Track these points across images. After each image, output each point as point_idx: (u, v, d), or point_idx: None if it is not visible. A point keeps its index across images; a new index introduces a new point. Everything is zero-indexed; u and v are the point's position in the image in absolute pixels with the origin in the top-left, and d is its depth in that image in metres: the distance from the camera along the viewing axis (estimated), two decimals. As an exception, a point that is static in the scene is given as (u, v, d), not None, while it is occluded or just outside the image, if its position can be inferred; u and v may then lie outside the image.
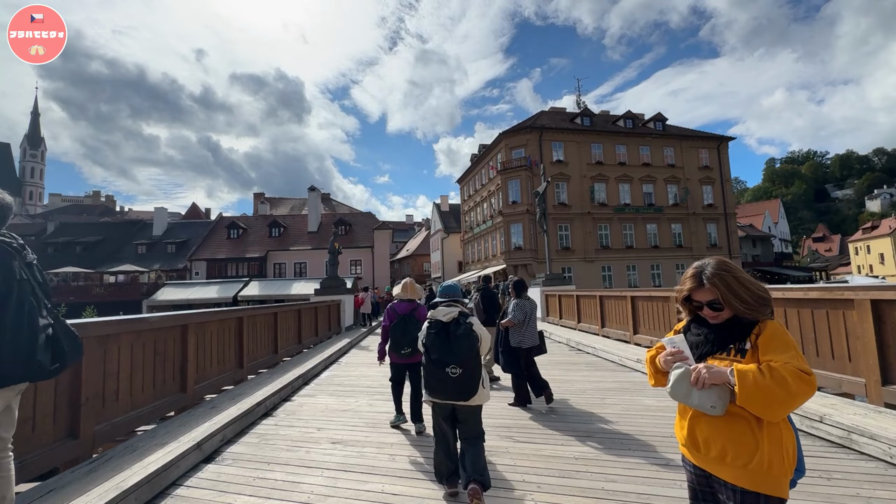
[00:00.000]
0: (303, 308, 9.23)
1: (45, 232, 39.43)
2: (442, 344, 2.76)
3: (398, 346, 4.13)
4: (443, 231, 49.02)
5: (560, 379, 6.20)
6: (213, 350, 5.33)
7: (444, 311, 2.91)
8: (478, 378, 2.74)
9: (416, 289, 4.39)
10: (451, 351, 2.71)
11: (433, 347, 2.80)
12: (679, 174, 36.29)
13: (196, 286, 31.54)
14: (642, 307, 7.76)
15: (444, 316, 2.87)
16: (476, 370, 2.74)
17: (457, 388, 2.69)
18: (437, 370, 2.73)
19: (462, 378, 2.67)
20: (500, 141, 35.02)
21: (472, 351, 2.74)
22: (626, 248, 34.54)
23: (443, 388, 2.73)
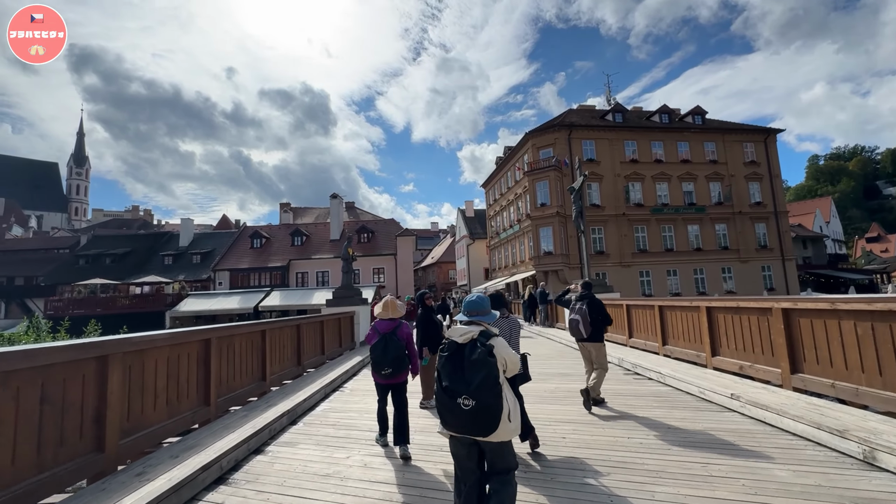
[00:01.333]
0: (304, 323, 7.91)
1: (78, 245, 40.35)
2: (454, 369, 2.34)
3: (378, 366, 3.99)
4: (468, 237, 47.55)
5: (624, 415, 4.59)
6: (158, 383, 4.02)
7: (462, 330, 2.45)
8: (497, 411, 2.26)
9: (397, 306, 4.19)
10: (463, 379, 2.29)
11: (444, 373, 2.39)
12: (722, 171, 33.61)
13: (218, 297, 31.17)
14: (723, 322, 6.01)
15: (460, 336, 2.42)
16: (494, 402, 2.26)
17: (471, 422, 2.26)
18: (448, 400, 2.32)
19: (475, 411, 2.23)
20: (527, 141, 33.38)
21: (488, 379, 2.27)
22: (666, 252, 32.06)
23: (455, 421, 2.32)
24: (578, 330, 5.29)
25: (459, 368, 2.32)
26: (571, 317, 5.40)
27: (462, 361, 2.33)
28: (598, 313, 5.27)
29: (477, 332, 2.41)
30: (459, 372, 2.31)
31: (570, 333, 5.48)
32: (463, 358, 2.34)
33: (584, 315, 5.24)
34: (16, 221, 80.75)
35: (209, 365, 4.75)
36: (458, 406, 2.24)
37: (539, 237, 30.58)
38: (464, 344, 2.39)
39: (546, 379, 7.05)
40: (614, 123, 33.69)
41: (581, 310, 5.32)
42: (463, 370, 2.30)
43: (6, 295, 36.78)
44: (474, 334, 2.40)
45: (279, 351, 6.79)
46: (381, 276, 35.77)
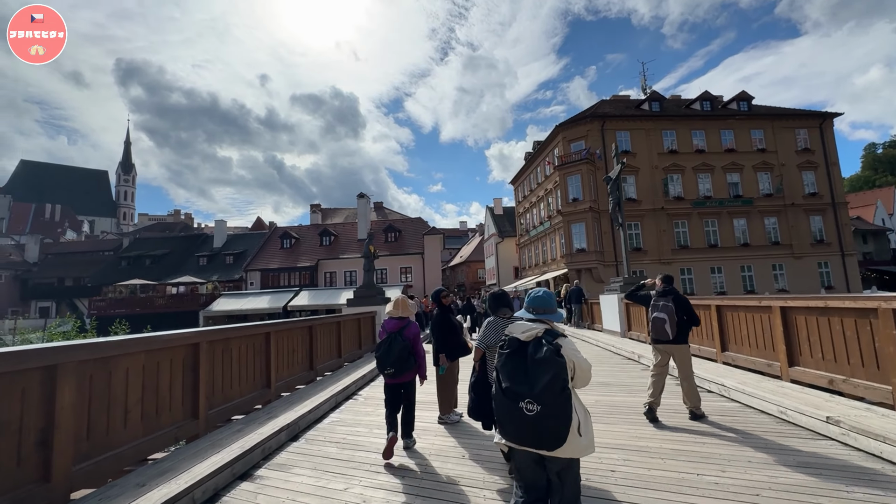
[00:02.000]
0: (317, 324, 7.34)
1: (121, 247, 42.12)
2: (515, 369, 2.06)
3: (381, 365, 3.90)
4: (497, 235, 46.53)
5: (684, 439, 3.71)
6: (130, 395, 3.47)
7: (525, 326, 2.19)
8: (566, 420, 1.95)
9: (408, 305, 4.10)
10: (526, 380, 2.00)
11: (504, 372, 2.09)
12: (772, 160, 31.17)
13: (249, 296, 31.61)
14: (805, 325, 4.95)
15: (522, 332, 2.14)
16: (562, 410, 1.95)
17: (535, 431, 1.95)
18: (508, 403, 2.02)
19: (540, 418, 1.93)
20: (557, 134, 32.07)
21: (555, 382, 1.96)
22: (709, 248, 30.02)
23: (516, 431, 2.01)
24: (664, 330, 4.60)
25: (521, 368, 2.07)
26: (655, 315, 4.70)
27: (525, 361, 2.08)
28: (685, 311, 4.63)
29: (542, 329, 2.16)
30: (521, 372, 2.06)
31: (653, 334, 4.79)
32: (526, 357, 2.08)
33: (670, 313, 4.57)
34: (70, 226, 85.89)
35: (198, 372, 4.19)
36: (520, 411, 1.97)
37: (571, 234, 29.27)
38: (526, 342, 2.13)
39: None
40: (651, 113, 31.87)
41: (667, 307, 4.63)
42: (526, 370, 2.05)
43: (57, 295, 38.81)
44: (539, 331, 2.14)
45: (287, 355, 6.22)
46: (408, 276, 35.38)
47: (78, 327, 26.52)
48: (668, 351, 4.69)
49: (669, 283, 4.89)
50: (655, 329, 4.71)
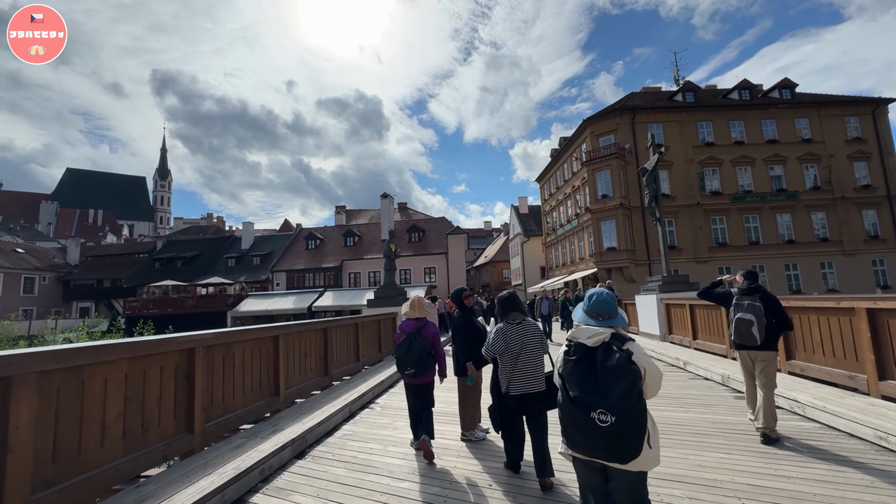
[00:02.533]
0: (333, 327, 6.90)
1: (155, 249, 43.48)
2: (584, 377, 1.92)
3: (402, 365, 3.91)
4: (522, 235, 45.56)
5: (758, 468, 3.01)
6: (109, 409, 3.06)
7: (590, 330, 2.01)
8: (642, 432, 1.84)
9: (424, 306, 4.08)
10: (597, 389, 1.86)
11: (572, 381, 1.94)
12: (818, 150, 29.11)
13: (275, 297, 31.92)
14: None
15: (588, 338, 1.98)
16: (638, 420, 1.83)
17: (607, 443, 1.82)
18: (577, 414, 1.88)
19: (615, 430, 1.79)
20: (585, 129, 30.96)
21: (631, 391, 1.83)
22: (750, 245, 28.28)
23: (586, 441, 1.88)
24: (750, 334, 3.98)
25: (591, 376, 1.93)
26: (739, 315, 4.09)
27: (594, 368, 1.94)
28: (775, 312, 4.01)
29: (608, 333, 2.02)
30: (591, 381, 1.92)
31: (735, 339, 4.17)
32: (595, 364, 1.95)
33: (759, 314, 3.95)
34: (110, 230, 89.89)
35: (193, 381, 3.76)
36: (593, 422, 1.84)
37: (600, 231, 28.12)
38: (593, 348, 1.99)
39: None
40: (685, 104, 30.33)
41: (754, 307, 4.01)
42: (596, 379, 1.91)
43: (96, 295, 40.39)
44: (606, 336, 2.00)
45: (299, 360, 5.78)
46: (432, 276, 34.95)
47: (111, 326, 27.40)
48: (753, 358, 4.05)
49: (754, 280, 4.21)
50: (739, 332, 4.07)
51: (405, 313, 4.16)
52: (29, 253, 41.30)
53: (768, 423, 3.81)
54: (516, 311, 3.39)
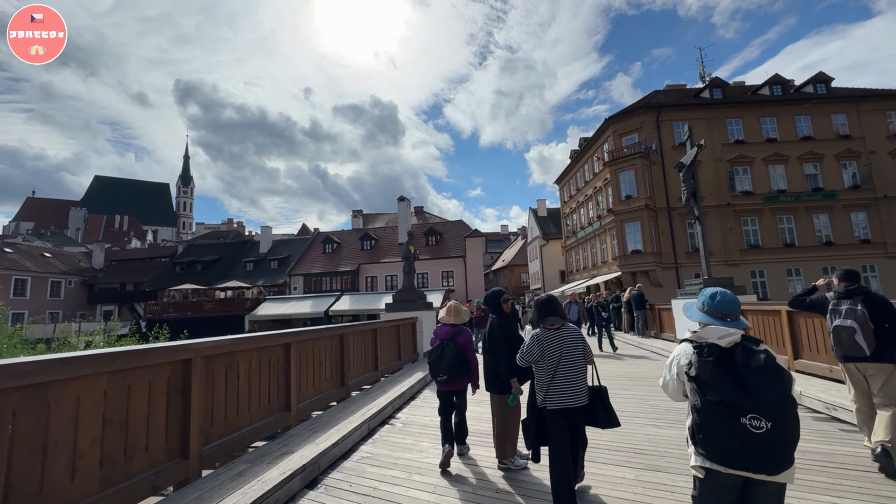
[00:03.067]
0: (349, 333, 6.36)
1: (176, 254, 44.06)
2: (724, 377, 1.74)
3: (434, 371, 3.92)
4: (541, 238, 44.64)
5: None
6: (82, 434, 2.56)
7: (721, 330, 1.86)
8: (797, 439, 1.68)
9: (460, 312, 4.13)
10: (746, 391, 1.68)
11: (713, 383, 1.76)
12: (857, 147, 27.56)
13: (292, 301, 31.80)
14: None
15: (720, 338, 1.83)
16: (796, 426, 1.67)
17: (762, 451, 1.64)
18: (724, 419, 1.69)
19: (772, 437, 1.62)
20: (607, 128, 30.05)
21: (785, 395, 1.68)
22: (785, 247, 26.86)
23: (735, 450, 1.68)
24: (855, 343, 3.35)
25: (734, 378, 1.72)
26: (838, 324, 3.50)
27: (733, 370, 1.74)
28: (887, 315, 3.33)
29: (739, 334, 1.83)
30: (734, 383, 1.71)
31: (838, 350, 3.56)
32: (735, 365, 1.75)
33: (862, 320, 3.35)
34: (135, 235, 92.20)
35: (189, 397, 3.25)
36: (744, 429, 1.63)
37: (624, 234, 27.12)
38: (728, 349, 1.80)
39: (661, 424, 4.81)
40: (713, 100, 29.15)
41: (854, 311, 3.43)
42: (740, 381, 1.70)
43: (119, 299, 41.07)
44: (737, 337, 1.82)
45: (313, 370, 5.25)
46: (450, 280, 34.36)
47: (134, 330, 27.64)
48: (865, 371, 3.39)
49: (854, 280, 3.57)
50: (840, 342, 3.46)
51: (441, 318, 4.17)
52: (56, 257, 42.32)
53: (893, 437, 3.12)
54: (555, 315, 3.09)
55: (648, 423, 4.77)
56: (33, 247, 44.75)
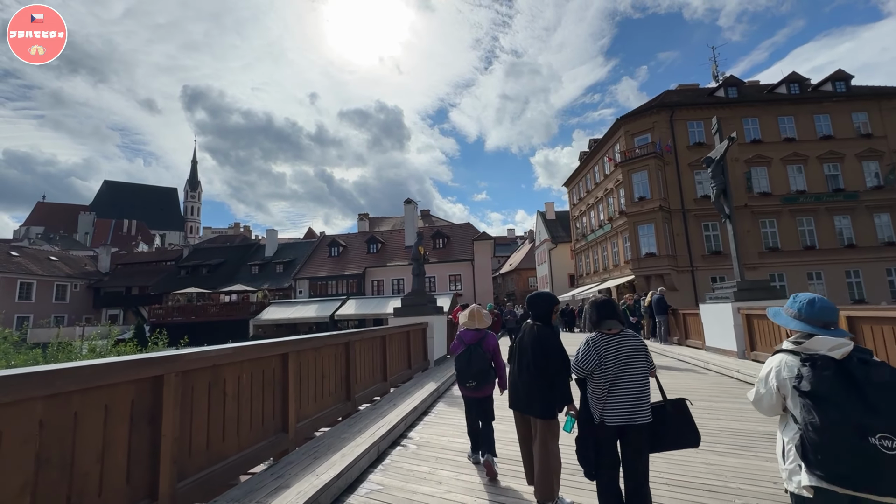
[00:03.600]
0: (356, 340, 5.73)
1: (181, 257, 43.82)
2: (846, 393, 1.59)
3: (463, 378, 3.83)
4: (550, 241, 43.89)
5: None
6: (21, 469, 1.94)
7: (831, 341, 1.71)
8: None
9: (483, 316, 4.02)
10: (873, 409, 1.53)
11: (833, 399, 1.60)
12: (880, 146, 26.66)
13: (297, 305, 31.27)
14: None
15: (832, 349, 1.69)
16: None
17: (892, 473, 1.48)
18: (849, 439, 1.53)
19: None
20: (619, 128, 29.36)
21: None
22: (805, 250, 25.93)
23: (861, 471, 1.52)
24: None
25: (857, 394, 1.58)
26: None
27: (856, 384, 1.58)
28: None
29: (851, 345, 1.69)
30: (857, 399, 1.56)
31: None
32: (855, 379, 1.59)
33: None
34: (142, 239, 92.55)
35: (159, 423, 2.63)
36: (874, 450, 1.48)
37: (638, 236, 26.35)
38: (840, 361, 1.65)
39: (721, 449, 4.14)
40: (728, 99, 28.36)
41: None
42: (866, 397, 1.55)
43: (124, 303, 40.83)
44: (850, 348, 1.67)
45: (315, 383, 4.63)
46: (457, 284, 33.69)
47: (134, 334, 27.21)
48: None
49: None
50: None
51: (464, 323, 4.03)
52: (62, 261, 42.23)
53: None
54: (613, 318, 2.77)
55: (706, 448, 4.09)
56: (39, 250, 44.74)
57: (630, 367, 2.60)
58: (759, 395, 1.93)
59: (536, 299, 3.40)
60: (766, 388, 1.88)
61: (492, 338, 3.97)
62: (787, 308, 1.97)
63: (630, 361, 2.61)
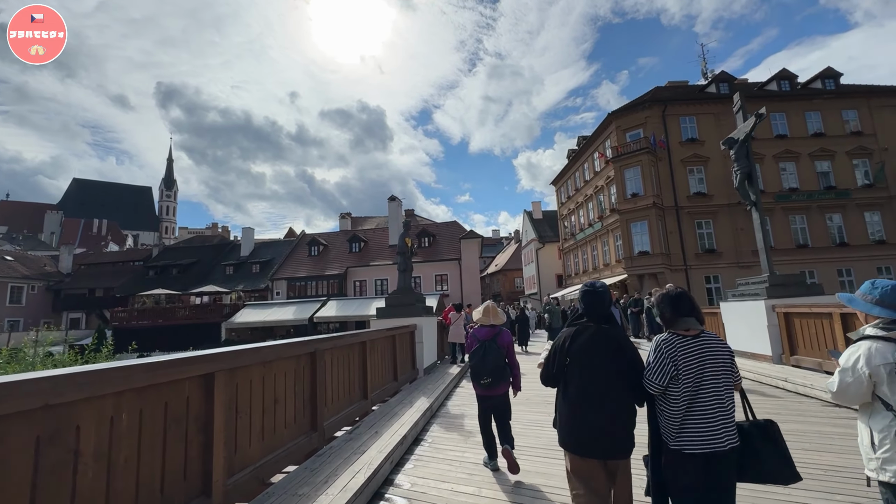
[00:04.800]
0: (327, 349, 4.35)
1: (150, 257, 41.34)
2: None
3: (477, 375, 3.71)
4: (537, 241, 42.98)
5: None
6: None
7: None
8: None
9: (498, 313, 3.95)
10: None
11: None
12: (869, 144, 26.52)
13: (274, 307, 29.40)
14: None
15: None
16: None
17: None
18: None
19: None
20: (610, 123, 28.56)
21: None
22: (798, 249, 25.52)
23: None
24: None
25: None
26: None
27: None
28: None
29: None
30: None
31: None
32: None
33: None
34: (112, 239, 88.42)
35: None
36: None
37: (630, 234, 25.51)
38: None
39: None
40: (720, 95, 27.84)
41: None
42: None
43: (87, 306, 38.15)
44: None
45: (262, 413, 3.23)
46: (444, 285, 32.35)
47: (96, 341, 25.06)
48: None
49: None
50: None
51: (478, 320, 3.97)
52: (18, 261, 39.28)
53: None
54: (691, 316, 2.19)
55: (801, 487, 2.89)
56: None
57: (714, 378, 2.06)
58: (844, 385, 1.86)
59: (596, 294, 2.45)
60: (853, 376, 1.84)
61: (506, 334, 3.88)
62: (865, 294, 1.97)
63: (715, 371, 2.07)
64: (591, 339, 2.21)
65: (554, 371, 2.32)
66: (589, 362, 2.20)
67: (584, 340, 2.23)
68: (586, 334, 2.24)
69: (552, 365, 2.33)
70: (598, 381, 2.16)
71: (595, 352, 2.20)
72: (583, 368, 2.21)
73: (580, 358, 2.20)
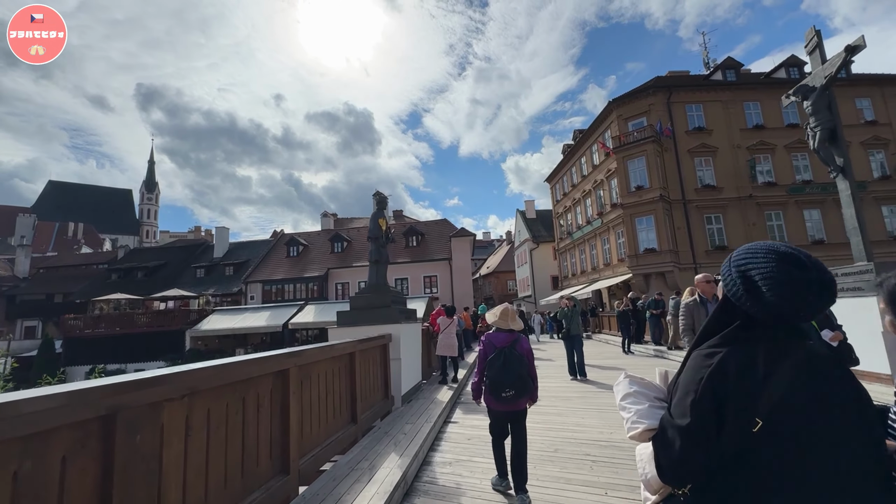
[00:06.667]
0: (258, 376, 2.00)
1: (115, 259, 38.28)
2: None
3: (498, 386, 3.18)
4: (531, 241, 40.91)
5: None
6: None
7: None
8: None
9: (516, 316, 3.51)
10: None
11: None
12: (885, 134, 25.02)
13: (245, 313, 26.70)
14: None
15: None
16: None
17: None
18: None
19: None
20: (611, 112, 26.59)
21: None
22: (813, 244, 23.71)
23: None
24: None
25: None
26: None
27: None
28: None
29: None
30: None
31: None
32: None
33: None
34: (85, 242, 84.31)
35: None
36: None
37: (635, 230, 23.46)
38: None
39: None
40: (727, 82, 26.09)
41: None
42: None
43: (44, 312, 34.97)
44: None
45: None
46: (433, 287, 30.01)
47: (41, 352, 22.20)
48: None
49: None
50: None
51: (494, 323, 3.50)
52: (-33, 264, 35.98)
53: None
54: None
55: None
56: (-56, 252, 38.18)
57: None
58: None
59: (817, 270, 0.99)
60: None
61: (525, 341, 3.43)
62: None
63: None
64: (816, 374, 0.88)
65: (708, 449, 0.94)
66: (825, 433, 0.88)
67: (804, 379, 0.88)
68: (798, 362, 0.87)
69: (702, 434, 0.93)
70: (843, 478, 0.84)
71: (831, 404, 0.88)
72: (810, 448, 0.87)
73: (802, 420, 0.87)
